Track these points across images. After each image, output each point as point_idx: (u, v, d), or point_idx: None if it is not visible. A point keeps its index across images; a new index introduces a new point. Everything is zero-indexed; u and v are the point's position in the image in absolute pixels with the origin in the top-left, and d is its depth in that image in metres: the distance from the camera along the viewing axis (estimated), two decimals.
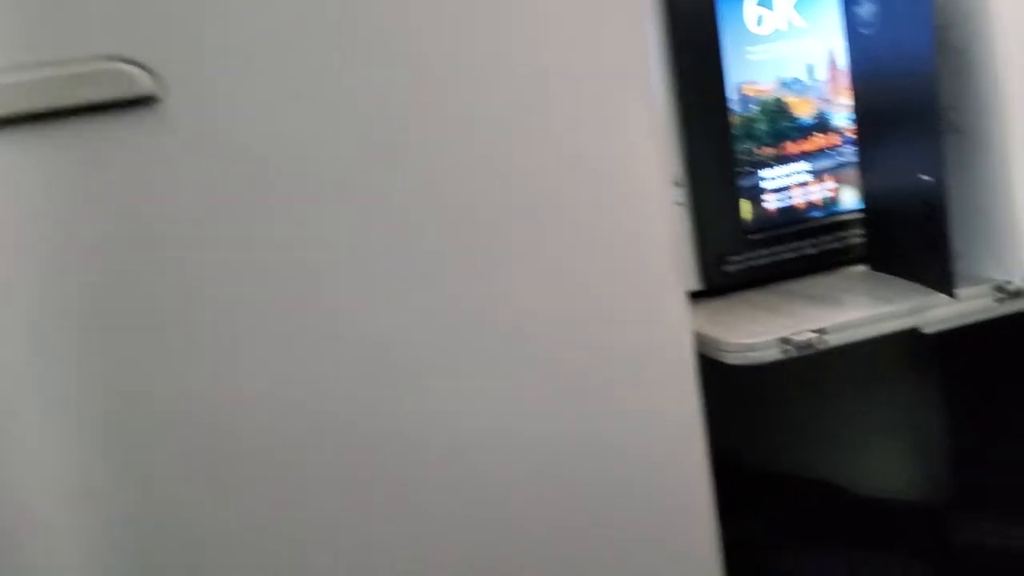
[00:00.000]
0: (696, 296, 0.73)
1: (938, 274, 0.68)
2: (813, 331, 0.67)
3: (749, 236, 0.77)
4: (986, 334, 0.75)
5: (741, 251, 0.77)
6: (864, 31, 0.72)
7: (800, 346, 0.66)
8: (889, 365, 1.09)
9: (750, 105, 0.77)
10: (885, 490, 1.09)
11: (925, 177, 0.68)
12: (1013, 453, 1.00)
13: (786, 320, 0.69)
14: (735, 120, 0.76)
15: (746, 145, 0.77)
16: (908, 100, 0.68)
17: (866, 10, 0.71)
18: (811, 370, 0.97)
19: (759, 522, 0.99)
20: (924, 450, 1.10)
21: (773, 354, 0.66)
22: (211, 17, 0.50)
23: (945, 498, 1.08)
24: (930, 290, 0.70)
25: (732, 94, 0.76)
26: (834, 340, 0.67)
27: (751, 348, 0.66)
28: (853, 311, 0.69)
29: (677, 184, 0.74)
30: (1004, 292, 0.69)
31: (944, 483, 1.09)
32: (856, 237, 0.79)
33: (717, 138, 0.76)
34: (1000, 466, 1.02)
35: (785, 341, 0.66)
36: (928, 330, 0.70)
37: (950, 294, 0.68)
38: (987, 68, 0.66)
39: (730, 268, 0.77)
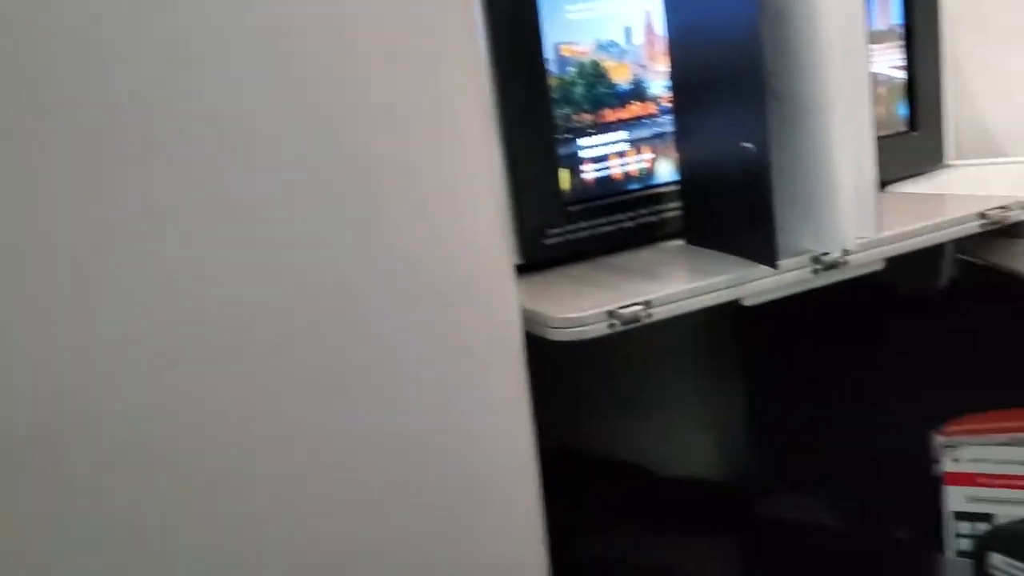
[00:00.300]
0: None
1: (760, 245, 0.66)
2: (639, 304, 0.63)
3: (568, 208, 0.73)
4: (786, 311, 0.74)
5: (561, 223, 0.72)
6: None
7: (627, 320, 0.62)
8: (692, 345, 1.09)
9: (568, 68, 0.72)
10: (690, 470, 1.09)
11: (747, 145, 0.66)
12: (810, 430, 1.03)
13: (610, 294, 0.65)
14: (553, 82, 0.71)
15: (564, 110, 0.72)
16: (729, 65, 0.66)
17: None
18: (617, 350, 0.94)
19: (569, 504, 0.97)
20: (728, 429, 1.11)
21: (600, 329, 0.62)
22: None
23: (748, 476, 1.09)
24: (748, 262, 0.68)
25: (550, 54, 0.71)
26: (660, 313, 0.64)
27: (578, 323, 0.61)
28: (677, 284, 0.66)
29: None
30: (821, 264, 0.68)
31: (747, 461, 1.10)
32: (672, 211, 0.76)
33: (535, 101, 0.70)
34: (798, 443, 1.04)
35: (612, 315, 0.62)
36: (748, 302, 0.68)
37: (773, 265, 0.66)
38: (807, 31, 0.64)
39: (549, 241, 0.72)
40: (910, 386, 0.94)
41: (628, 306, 0.62)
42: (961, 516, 0.91)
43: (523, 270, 0.71)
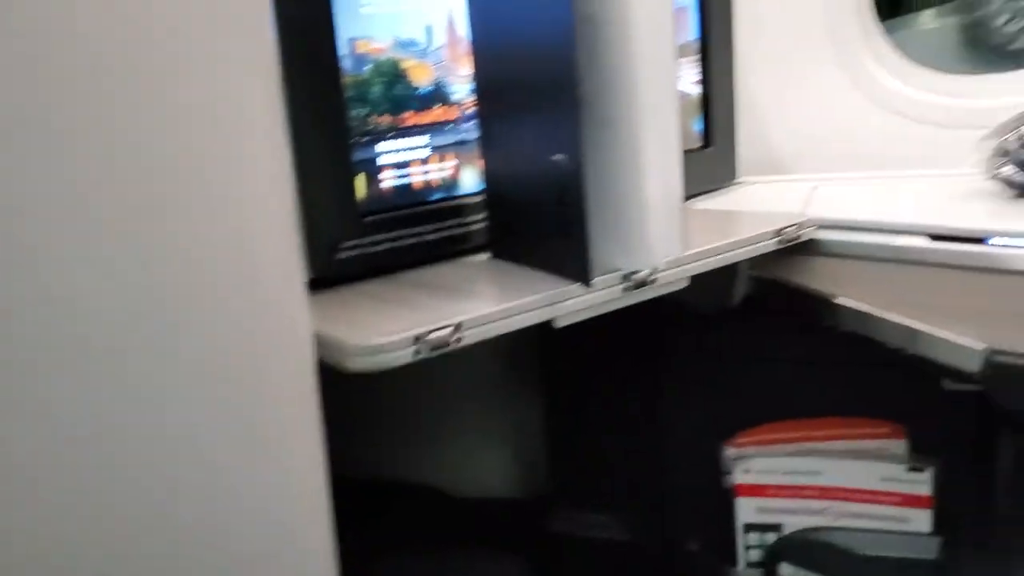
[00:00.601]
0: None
1: (572, 262, 0.63)
2: (448, 327, 0.57)
3: (364, 219, 0.66)
4: (583, 329, 0.71)
5: (356, 235, 0.65)
6: None
7: (435, 345, 0.56)
8: (490, 363, 1.05)
9: (364, 66, 0.66)
10: (488, 489, 1.06)
11: (558, 157, 0.62)
12: (605, 446, 1.02)
13: (414, 315, 0.59)
14: (347, 80, 0.65)
15: (360, 111, 0.66)
16: (539, 71, 0.62)
17: None
18: (412, 369, 0.89)
19: (361, 530, 0.90)
20: (526, 447, 1.08)
21: (405, 356, 0.56)
22: None
23: (544, 494, 1.07)
24: (558, 279, 0.64)
25: (344, 49, 0.64)
26: (470, 337, 0.58)
27: (380, 350, 0.55)
28: (487, 304, 0.61)
29: None
30: (631, 282, 0.66)
31: (544, 479, 1.07)
32: (477, 223, 0.72)
33: (327, 99, 0.63)
34: (594, 459, 1.03)
35: (418, 340, 0.56)
36: (560, 323, 0.65)
37: (586, 283, 0.63)
38: (618, 39, 0.61)
39: (343, 255, 0.65)
40: (702, 400, 0.94)
41: (436, 330, 0.56)
42: (751, 527, 0.92)
43: (313, 286, 0.63)
